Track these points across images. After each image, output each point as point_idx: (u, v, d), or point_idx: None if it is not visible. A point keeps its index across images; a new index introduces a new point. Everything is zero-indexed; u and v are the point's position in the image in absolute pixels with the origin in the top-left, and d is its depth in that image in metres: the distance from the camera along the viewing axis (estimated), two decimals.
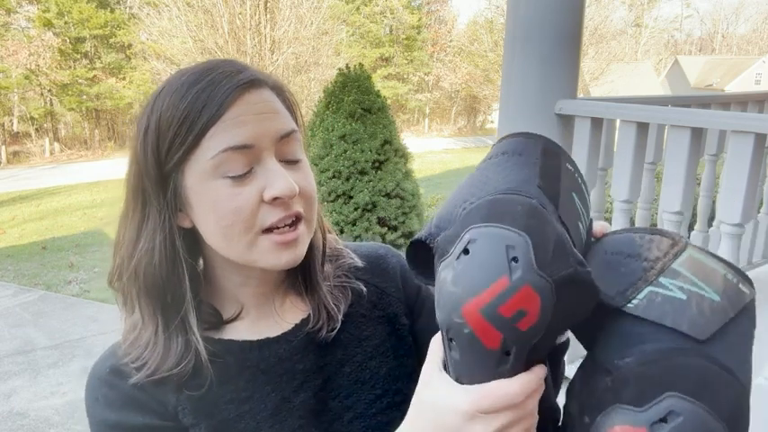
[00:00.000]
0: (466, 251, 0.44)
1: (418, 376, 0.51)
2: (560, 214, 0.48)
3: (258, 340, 0.65)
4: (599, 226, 0.56)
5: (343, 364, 0.67)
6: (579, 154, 2.06)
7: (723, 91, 25.99)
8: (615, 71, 25.41)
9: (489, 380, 0.45)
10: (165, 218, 0.59)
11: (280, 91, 0.63)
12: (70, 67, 20.78)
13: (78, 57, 21.23)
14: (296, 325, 0.67)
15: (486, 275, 0.42)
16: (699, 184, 2.63)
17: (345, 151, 5.48)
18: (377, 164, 5.65)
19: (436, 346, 0.50)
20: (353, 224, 5.47)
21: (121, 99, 20.72)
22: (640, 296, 0.47)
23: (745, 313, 0.48)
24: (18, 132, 20.38)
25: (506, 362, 0.44)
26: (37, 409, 3.89)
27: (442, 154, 19.42)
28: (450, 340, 0.46)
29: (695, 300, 0.46)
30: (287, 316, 0.67)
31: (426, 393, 0.49)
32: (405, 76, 26.60)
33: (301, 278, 0.68)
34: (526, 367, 0.45)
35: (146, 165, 0.58)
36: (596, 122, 2.02)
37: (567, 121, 2.07)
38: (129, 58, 21.55)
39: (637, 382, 0.44)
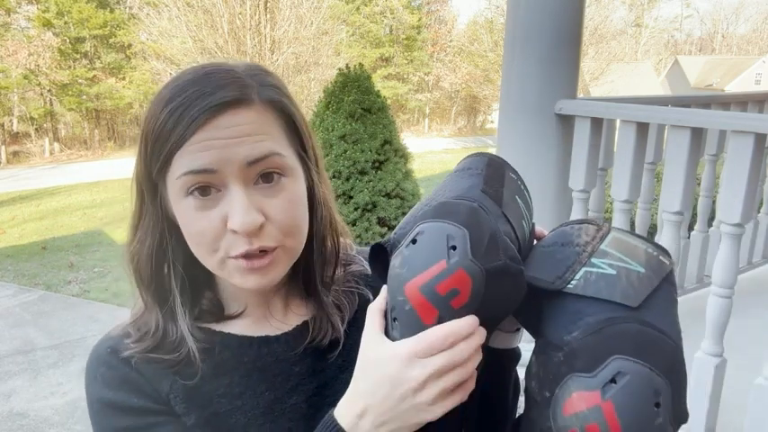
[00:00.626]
0: (414, 241, 0.51)
1: None
2: (504, 212, 0.55)
3: (258, 337, 0.65)
4: (539, 230, 0.63)
5: (342, 370, 0.66)
6: (579, 154, 2.06)
7: (723, 91, 25.98)
8: (615, 71, 25.40)
9: None
10: (156, 221, 0.61)
11: (276, 105, 0.59)
12: (70, 67, 20.78)
13: (78, 57, 21.23)
14: (296, 327, 0.66)
15: (427, 259, 0.49)
16: (699, 184, 2.63)
17: (345, 151, 5.48)
18: (377, 164, 5.64)
19: (374, 314, 0.55)
20: (353, 224, 5.46)
21: (121, 99, 20.71)
22: (577, 277, 0.53)
23: (668, 280, 0.55)
24: (18, 132, 20.38)
25: None
26: (37, 409, 3.89)
27: (441, 154, 19.42)
28: (394, 320, 0.52)
29: (624, 273, 0.53)
30: (289, 318, 0.67)
31: (369, 352, 0.53)
32: (405, 76, 26.60)
33: (303, 283, 0.67)
34: None
35: (141, 168, 0.60)
36: (596, 122, 2.02)
37: (566, 121, 2.07)
38: (129, 58, 21.54)
39: (585, 351, 0.49)
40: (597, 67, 24.53)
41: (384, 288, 0.55)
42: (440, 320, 0.50)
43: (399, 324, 0.52)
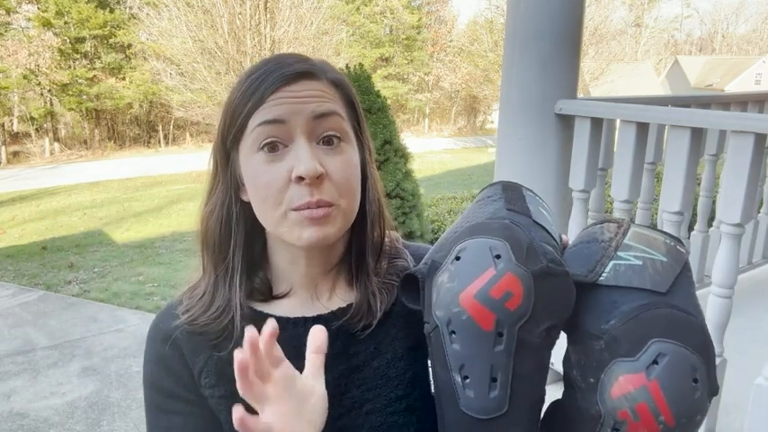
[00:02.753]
0: (458, 257, 0.55)
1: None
2: (536, 220, 0.59)
3: (294, 318, 0.69)
4: (564, 238, 0.68)
5: (373, 357, 0.69)
6: (579, 154, 2.06)
7: (723, 91, 25.98)
8: (615, 71, 25.39)
9: (488, 362, 0.54)
10: (227, 189, 0.67)
11: (340, 84, 0.67)
12: (70, 67, 20.77)
13: (78, 57, 21.22)
14: (333, 311, 0.69)
15: (476, 269, 0.54)
16: (699, 184, 2.63)
17: None
18: (377, 164, 5.63)
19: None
20: None
21: (121, 99, 20.70)
22: (607, 269, 0.58)
23: (686, 267, 0.60)
24: (18, 132, 20.37)
25: (500, 343, 0.53)
26: (37, 410, 3.89)
27: (442, 154, 19.41)
28: (451, 333, 0.55)
29: (649, 263, 0.58)
30: (331, 302, 0.71)
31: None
32: (405, 76, 26.60)
33: (354, 267, 0.71)
34: (517, 352, 0.54)
35: (217, 142, 0.67)
36: (596, 122, 2.02)
37: (567, 121, 2.07)
38: (129, 58, 21.53)
39: (625, 338, 0.53)
40: (597, 67, 24.52)
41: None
42: (497, 324, 0.53)
43: (458, 336, 0.54)
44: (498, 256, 0.54)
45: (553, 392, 0.62)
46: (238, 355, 0.50)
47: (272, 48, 14.83)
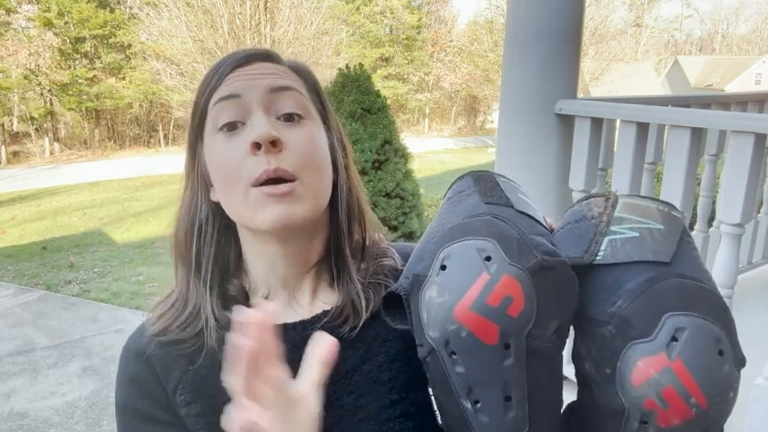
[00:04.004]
0: (443, 267, 0.48)
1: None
2: (518, 209, 0.53)
3: (275, 325, 0.65)
4: (549, 221, 0.61)
5: (364, 361, 0.65)
6: (579, 154, 2.06)
7: (723, 91, 25.99)
8: (615, 71, 25.40)
9: (499, 380, 0.47)
10: (196, 189, 0.66)
11: (300, 70, 0.67)
12: (70, 66, 20.77)
13: (78, 57, 21.22)
14: (316, 315, 0.66)
15: (467, 277, 0.46)
16: (699, 184, 2.63)
17: None
18: (377, 164, 5.64)
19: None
20: None
21: (121, 99, 20.70)
22: (603, 247, 0.52)
23: (685, 232, 0.54)
24: (18, 132, 20.37)
25: (509, 356, 0.46)
26: (37, 410, 3.89)
27: (442, 154, 19.42)
28: (452, 354, 0.48)
29: (647, 233, 0.52)
30: (313, 305, 0.67)
31: None
32: (405, 76, 26.59)
33: (334, 267, 0.67)
34: (528, 363, 0.47)
35: (186, 141, 0.67)
36: (596, 122, 2.02)
37: (567, 121, 2.07)
38: (129, 58, 21.53)
39: (636, 317, 0.47)
40: (597, 67, 24.53)
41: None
42: (502, 335, 0.46)
43: (460, 356, 0.47)
44: (488, 258, 0.47)
45: (566, 397, 0.56)
46: (245, 340, 0.44)
47: (272, 48, 14.80)
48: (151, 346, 0.64)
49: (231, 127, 0.61)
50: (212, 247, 0.66)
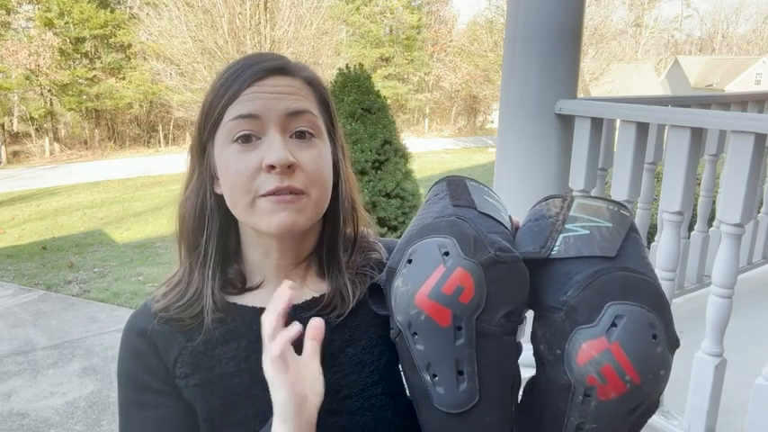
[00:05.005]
0: (410, 261, 0.57)
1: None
2: (480, 210, 0.61)
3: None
4: (515, 219, 0.70)
5: (348, 344, 0.71)
6: (579, 154, 2.06)
7: (723, 91, 25.98)
8: (615, 71, 25.40)
9: (452, 357, 0.55)
10: (202, 180, 0.69)
11: (313, 83, 0.70)
12: (70, 66, 20.77)
13: (78, 57, 21.22)
14: (306, 301, 0.71)
15: (427, 269, 0.55)
16: (699, 184, 2.63)
17: None
18: (377, 164, 5.64)
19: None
20: None
21: (121, 99, 20.70)
22: (558, 243, 0.59)
23: (633, 229, 0.62)
24: (18, 132, 20.37)
25: (460, 337, 0.55)
26: (37, 409, 3.89)
27: (442, 154, 19.41)
28: (414, 335, 0.57)
29: (596, 231, 0.59)
30: (303, 292, 0.72)
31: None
32: (405, 76, 26.59)
33: (325, 260, 0.73)
34: (478, 343, 0.55)
35: (194, 134, 0.69)
36: (596, 122, 2.02)
37: (566, 121, 2.07)
38: (129, 58, 21.53)
39: (582, 305, 0.55)
40: (597, 67, 24.52)
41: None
42: (454, 319, 0.54)
43: (420, 336, 0.56)
44: (447, 253, 0.55)
45: (530, 373, 0.64)
46: (283, 295, 0.60)
47: (272, 48, 14.82)
48: (153, 323, 0.70)
49: (246, 139, 0.64)
50: (215, 235, 0.70)
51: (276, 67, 0.66)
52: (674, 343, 0.56)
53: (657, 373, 0.54)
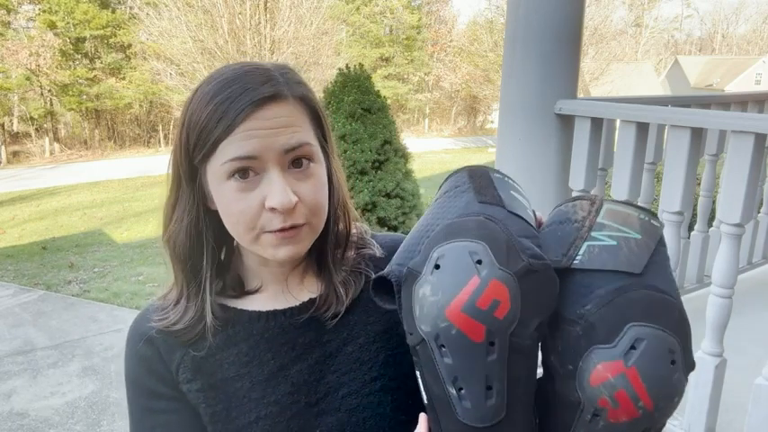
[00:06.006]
0: (437, 266, 0.53)
1: (412, 369, 0.58)
2: (509, 209, 0.58)
3: (266, 311, 0.72)
4: (539, 216, 0.65)
5: (346, 343, 0.72)
6: (579, 154, 2.06)
7: (723, 91, 25.98)
8: (615, 71, 25.39)
9: (483, 373, 0.52)
10: (193, 202, 0.68)
11: (305, 101, 0.67)
12: (70, 67, 20.77)
13: (79, 57, 21.22)
14: (303, 302, 0.72)
15: (459, 279, 0.51)
16: (699, 184, 2.63)
17: (345, 151, 5.48)
18: (377, 164, 5.64)
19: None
20: None
21: (121, 99, 20.70)
22: (581, 252, 0.55)
23: (661, 242, 0.58)
24: (18, 132, 20.37)
25: (492, 352, 0.52)
26: (37, 409, 3.89)
27: (442, 154, 19.42)
28: (441, 347, 0.53)
29: (624, 242, 0.55)
30: (300, 294, 0.73)
31: None
32: (405, 76, 26.59)
33: (315, 262, 0.74)
34: (510, 358, 0.52)
35: (180, 156, 0.66)
36: (596, 122, 2.02)
37: (566, 121, 2.07)
38: (129, 58, 21.53)
39: (602, 323, 0.52)
40: (597, 67, 24.52)
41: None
42: (488, 335, 0.51)
43: (449, 350, 0.52)
44: (480, 262, 0.51)
45: None
46: None
47: (272, 48, 14.83)
48: (153, 331, 0.71)
49: (244, 175, 0.63)
50: (210, 250, 0.69)
51: (268, 95, 0.63)
52: (690, 366, 0.54)
53: (672, 399, 0.52)
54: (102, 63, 21.41)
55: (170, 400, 0.70)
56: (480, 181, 0.61)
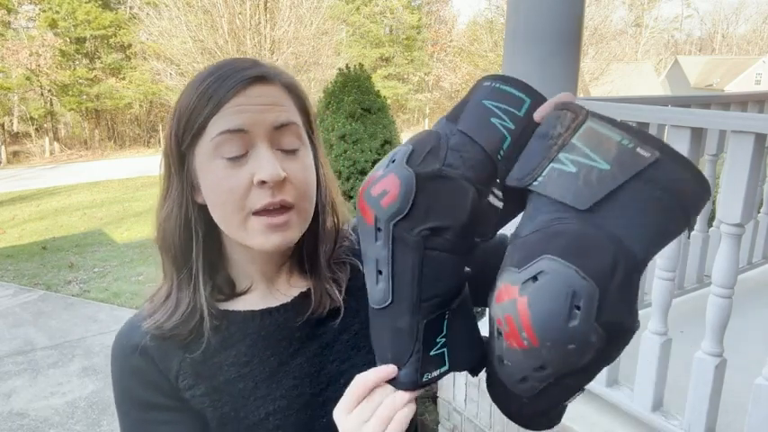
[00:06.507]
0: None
1: None
2: (460, 128, 0.58)
3: (260, 310, 0.72)
4: (544, 109, 0.60)
5: (341, 332, 0.74)
6: None
7: (723, 91, 25.97)
8: (615, 71, 25.39)
9: (373, 256, 0.58)
10: (183, 191, 0.67)
11: (292, 88, 0.69)
12: (71, 67, 20.77)
13: (79, 57, 21.22)
14: (294, 298, 0.73)
15: (375, 171, 0.58)
16: None
17: (345, 151, 5.48)
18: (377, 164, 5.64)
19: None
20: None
21: (121, 99, 20.71)
22: (544, 174, 0.52)
23: (641, 177, 0.48)
24: (18, 132, 20.38)
25: (379, 237, 0.57)
26: (37, 409, 3.89)
27: None
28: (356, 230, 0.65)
29: (584, 171, 0.50)
30: (288, 291, 0.74)
31: None
32: (405, 76, 26.60)
33: (305, 260, 0.74)
34: (394, 248, 0.56)
35: (169, 144, 0.67)
36: None
37: None
38: (129, 59, 21.53)
39: (524, 247, 0.51)
40: (597, 67, 24.51)
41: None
42: (376, 220, 0.56)
43: (359, 231, 0.61)
44: (393, 161, 0.56)
45: None
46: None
47: (272, 48, 14.83)
48: (146, 339, 0.68)
49: (232, 151, 0.63)
50: (201, 246, 0.69)
51: (257, 76, 0.65)
52: (616, 324, 0.48)
53: (562, 345, 0.48)
54: (102, 63, 21.42)
55: (171, 410, 0.69)
56: (467, 97, 0.62)
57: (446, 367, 0.61)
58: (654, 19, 40.89)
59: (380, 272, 0.58)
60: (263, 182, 0.62)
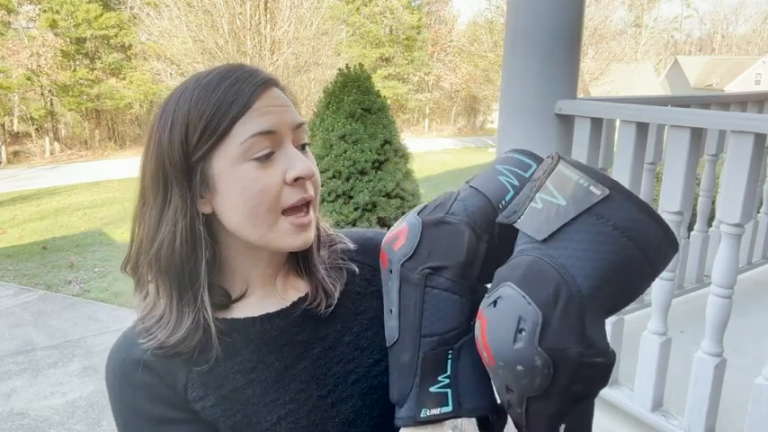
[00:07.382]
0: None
1: None
2: (471, 185, 0.68)
3: (260, 315, 0.72)
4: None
5: (342, 334, 0.75)
6: (579, 154, 2.06)
7: (723, 91, 25.97)
8: (615, 71, 25.39)
9: (387, 296, 0.67)
10: (188, 203, 0.65)
11: (287, 91, 0.72)
12: (71, 67, 20.77)
13: (79, 57, 21.22)
14: (293, 302, 0.73)
15: (393, 227, 0.68)
16: (699, 184, 2.63)
17: (345, 151, 5.48)
18: (377, 164, 5.64)
19: None
20: (353, 224, 5.46)
21: (121, 99, 20.71)
22: (525, 212, 0.59)
23: (592, 212, 0.54)
24: (18, 132, 20.37)
25: (392, 279, 0.66)
26: (37, 409, 3.89)
27: (441, 154, 19.41)
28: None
29: (547, 207, 0.57)
30: (287, 294, 0.74)
31: None
32: (405, 76, 26.59)
33: (301, 261, 0.76)
34: (402, 287, 0.65)
35: (171, 155, 0.64)
36: (596, 122, 2.02)
37: (566, 121, 2.07)
38: (130, 59, 21.54)
39: (498, 276, 0.58)
40: (597, 67, 24.53)
41: None
42: (389, 262, 0.66)
43: (382, 275, 0.70)
44: (408, 215, 0.68)
45: None
46: None
47: (272, 48, 14.83)
48: (147, 354, 0.66)
49: (266, 155, 0.65)
50: (205, 259, 0.67)
51: (271, 79, 0.68)
52: (554, 351, 0.51)
53: (512, 365, 0.53)
54: (102, 63, 21.41)
55: (183, 423, 0.67)
56: (492, 163, 0.72)
57: (449, 408, 0.63)
58: (653, 19, 40.91)
59: (391, 311, 0.65)
60: (298, 178, 0.65)
